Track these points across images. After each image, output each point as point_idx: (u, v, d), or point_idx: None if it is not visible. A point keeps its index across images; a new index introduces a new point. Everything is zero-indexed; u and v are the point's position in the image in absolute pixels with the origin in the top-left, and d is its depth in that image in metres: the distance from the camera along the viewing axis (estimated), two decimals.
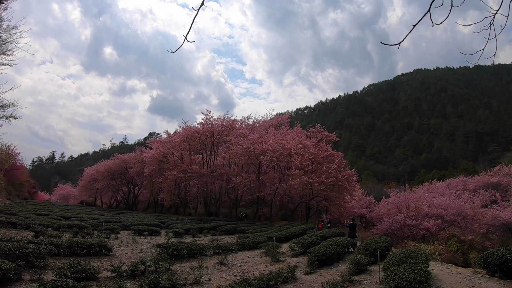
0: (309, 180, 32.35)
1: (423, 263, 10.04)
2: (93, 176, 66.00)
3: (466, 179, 41.60)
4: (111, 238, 20.14)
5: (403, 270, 9.10)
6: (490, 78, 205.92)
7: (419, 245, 18.21)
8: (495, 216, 27.65)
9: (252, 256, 16.16)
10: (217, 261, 14.12)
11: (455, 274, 11.38)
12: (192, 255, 15.20)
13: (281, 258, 15.40)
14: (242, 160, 42.08)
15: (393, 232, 30.30)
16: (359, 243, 17.86)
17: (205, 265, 13.27)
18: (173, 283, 9.70)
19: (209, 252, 16.01)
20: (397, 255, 11.41)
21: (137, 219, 32.61)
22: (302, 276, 11.95)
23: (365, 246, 14.24)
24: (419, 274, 8.74)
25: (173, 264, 12.39)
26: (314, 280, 11.18)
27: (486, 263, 10.38)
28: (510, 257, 9.65)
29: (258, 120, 51.15)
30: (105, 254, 14.40)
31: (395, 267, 9.76)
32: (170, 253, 14.18)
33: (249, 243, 18.46)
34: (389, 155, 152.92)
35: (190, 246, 15.52)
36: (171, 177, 45.02)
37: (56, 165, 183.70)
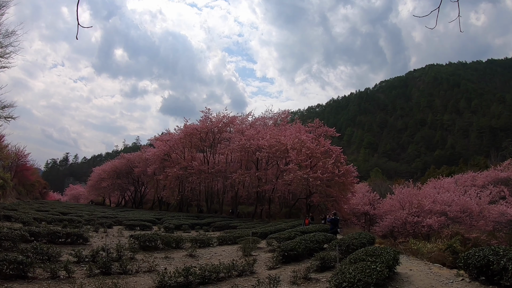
0: (303, 175, 31.30)
1: (383, 262, 8.80)
2: (100, 175, 66.18)
3: (474, 175, 39.96)
4: (100, 231, 20.58)
5: (353, 269, 7.94)
6: (504, 72, 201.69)
7: (418, 243, 17.00)
8: (503, 213, 26.46)
9: (229, 250, 15.87)
10: (187, 253, 13.97)
11: (433, 276, 10.15)
12: (167, 247, 15.15)
13: (254, 253, 14.90)
14: (239, 156, 41.68)
15: (395, 229, 29.33)
16: (340, 237, 17.00)
17: (173, 256, 13.39)
18: (125, 269, 10.04)
19: (186, 245, 15.70)
20: (361, 252, 10.24)
21: (135, 215, 32.81)
22: (263, 271, 11.36)
23: (340, 242, 13.15)
24: (369, 275, 7.57)
25: (140, 253, 12.57)
26: (269, 276, 10.30)
27: (467, 265, 9.04)
28: (493, 259, 8.23)
29: (258, 117, 50.21)
30: (81, 243, 14.66)
31: (350, 265, 8.59)
32: (142, 244, 14.49)
33: (229, 238, 18.21)
34: (402, 152, 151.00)
35: (165, 238, 15.56)
36: (172, 174, 44.92)
37: (70, 167, 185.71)
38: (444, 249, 13.40)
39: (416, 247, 16.04)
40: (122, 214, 34.47)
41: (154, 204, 59.73)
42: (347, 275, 7.64)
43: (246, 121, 49.12)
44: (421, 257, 13.91)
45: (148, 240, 14.69)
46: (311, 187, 32.72)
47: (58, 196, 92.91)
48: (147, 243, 14.63)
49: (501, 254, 8.29)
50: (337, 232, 18.38)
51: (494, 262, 8.15)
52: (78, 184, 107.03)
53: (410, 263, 12.62)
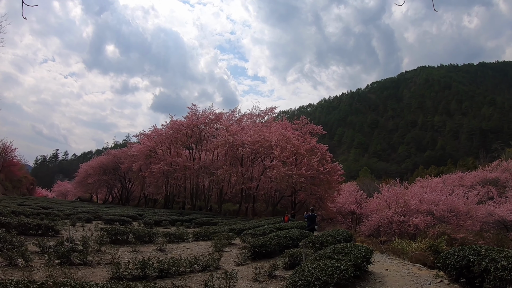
0: (287, 171, 30.52)
1: (350, 261, 8.05)
2: (87, 171, 65.18)
3: (463, 175, 39.52)
4: (77, 225, 20.30)
5: (313, 267, 7.12)
6: (495, 75, 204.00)
7: (403, 243, 16.27)
8: (490, 213, 25.92)
9: (202, 246, 15.37)
10: (156, 248, 13.73)
11: (410, 276, 9.37)
12: (139, 241, 14.79)
13: (227, 249, 14.48)
14: (224, 151, 41.05)
15: (380, 229, 28.63)
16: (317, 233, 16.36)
17: (142, 250, 13.07)
18: (85, 260, 9.80)
19: (159, 240, 15.25)
20: (329, 249, 9.45)
21: (117, 211, 32.38)
22: (230, 267, 10.72)
23: (313, 239, 12.38)
24: (330, 274, 6.77)
25: (109, 247, 11.99)
26: (236, 272, 9.61)
27: (445, 266, 8.20)
28: (474, 259, 7.42)
29: (245, 114, 49.30)
30: (52, 236, 14.51)
31: (313, 263, 7.74)
32: (113, 237, 14.22)
33: (205, 234, 17.84)
34: (392, 152, 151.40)
35: (136, 231, 15.24)
36: (157, 170, 44.06)
37: (59, 164, 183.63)
38: (426, 248, 12.60)
39: (401, 246, 15.36)
40: (104, 210, 34.04)
41: (141, 201, 59.10)
42: (305, 273, 6.84)
43: (233, 118, 48.23)
44: (404, 257, 13.17)
45: (118, 233, 14.43)
46: (296, 185, 32.05)
47: (46, 193, 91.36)
48: (118, 236, 14.36)
49: (482, 254, 7.45)
50: (314, 229, 17.49)
51: (474, 263, 7.32)
52: (66, 181, 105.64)
53: (389, 262, 11.89)
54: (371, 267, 10.34)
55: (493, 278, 6.69)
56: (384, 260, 12.42)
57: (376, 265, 10.93)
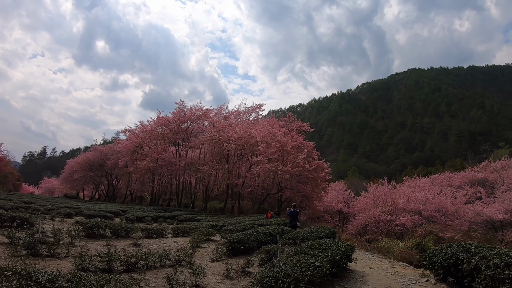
0: (271, 167, 29.87)
1: (327, 257, 7.45)
2: (73, 167, 64.19)
3: (451, 175, 39.27)
4: (56, 220, 19.92)
5: (284, 263, 6.48)
6: (485, 78, 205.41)
7: (390, 242, 15.68)
8: (478, 213, 25.61)
9: (180, 241, 14.91)
10: (131, 243, 13.36)
11: (394, 275, 8.77)
12: (116, 236, 14.64)
13: (204, 244, 14.09)
14: (210, 148, 40.59)
15: (368, 228, 28.22)
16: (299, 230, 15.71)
17: (116, 244, 12.58)
18: (52, 251, 9.65)
19: (137, 235, 14.70)
20: (306, 245, 8.84)
21: (100, 207, 31.90)
22: (205, 262, 10.27)
23: (294, 236, 11.74)
24: (302, 270, 6.14)
25: (83, 240, 11.95)
26: (209, 268, 9.47)
27: (432, 264, 7.62)
28: (463, 257, 6.84)
29: (232, 111, 48.57)
30: (26, 228, 14.26)
31: (287, 259, 7.07)
32: (89, 231, 14.02)
33: (184, 230, 17.44)
34: (382, 153, 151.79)
35: (113, 226, 14.97)
36: (142, 167, 43.27)
37: (47, 160, 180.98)
38: (412, 247, 12.02)
39: (387, 245, 14.78)
40: (87, 206, 33.55)
41: (127, 198, 58.06)
42: (275, 269, 6.17)
43: (220, 115, 47.47)
44: (389, 255, 12.58)
45: (93, 227, 14.14)
46: (281, 182, 31.46)
47: (33, 189, 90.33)
48: (94, 230, 14.11)
49: (472, 251, 6.85)
50: (296, 225, 16.77)
51: (464, 260, 6.71)
52: (53, 178, 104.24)
53: (373, 261, 11.31)
54: (353, 265, 9.77)
55: (484, 277, 6.08)
56: (369, 258, 11.85)
57: (359, 263, 10.34)
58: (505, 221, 25.02)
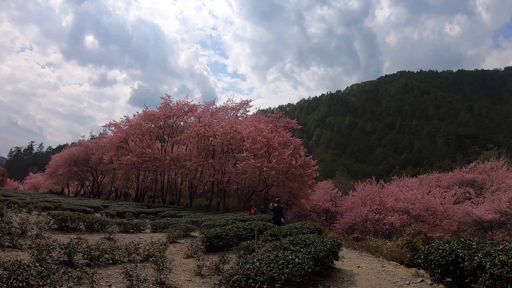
0: (257, 163, 29.07)
1: (309, 253, 6.64)
2: (57, 163, 62.38)
3: (439, 176, 38.90)
4: (33, 214, 19.13)
5: (259, 259, 5.63)
6: (473, 82, 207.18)
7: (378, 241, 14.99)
8: (467, 212, 25.22)
9: (158, 237, 14.11)
10: (105, 237, 12.60)
11: (385, 275, 7.99)
12: (90, 229, 13.99)
13: (182, 240, 13.27)
14: (195, 143, 39.40)
15: (355, 227, 27.71)
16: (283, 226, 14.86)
17: (89, 238, 11.95)
18: (15, 242, 9.31)
19: (113, 229, 14.00)
20: (286, 240, 8.01)
21: (82, 202, 30.73)
22: (179, 259, 9.74)
23: (276, 231, 10.94)
24: (279, 268, 5.30)
25: (54, 233, 11.67)
26: (181, 264, 8.94)
27: (428, 262, 6.85)
28: (464, 254, 6.07)
29: (220, 107, 47.58)
30: None
31: (263, 254, 6.20)
32: (62, 224, 13.32)
33: (163, 225, 16.78)
34: (370, 154, 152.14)
35: (87, 219, 14.22)
36: (126, 162, 41.91)
37: (34, 156, 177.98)
38: (402, 245, 11.28)
39: (376, 244, 14.08)
40: (68, 201, 32.14)
41: (111, 195, 56.63)
42: (247, 265, 5.31)
43: (208, 111, 46.44)
44: (378, 254, 11.83)
45: (66, 219, 13.37)
46: (267, 178, 30.68)
47: (18, 185, 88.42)
48: (67, 223, 13.41)
49: (474, 247, 6.08)
50: (280, 221, 15.86)
51: (465, 258, 5.91)
52: (38, 173, 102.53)
53: (361, 259, 10.57)
54: (340, 264, 8.99)
55: (490, 276, 5.30)
56: (356, 257, 11.10)
57: (346, 262, 9.55)
58: (494, 221, 24.76)
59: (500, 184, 29.43)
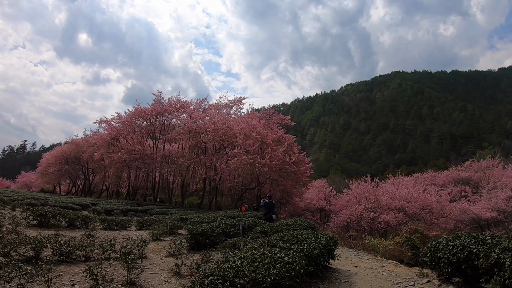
0: (249, 160, 28.32)
1: (302, 251, 5.86)
2: (49, 161, 61.40)
3: (435, 174, 38.61)
4: (17, 210, 18.78)
5: (239, 257, 4.79)
6: (467, 83, 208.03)
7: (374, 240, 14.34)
8: (465, 210, 24.82)
9: (142, 234, 13.02)
10: (85, 233, 11.81)
11: (386, 275, 7.26)
12: (72, 226, 13.65)
13: (166, 237, 12.55)
14: (186, 139, 38.66)
15: (350, 225, 27.13)
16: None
17: (69, 234, 11.02)
18: None
19: (96, 226, 13.88)
20: (276, 236, 7.21)
21: (69, 200, 30.25)
22: (160, 257, 9.13)
23: (266, 228, 10.21)
24: (265, 268, 4.46)
25: (32, 229, 11.31)
26: (158, 263, 8.24)
27: (435, 261, 6.10)
28: (479, 250, 5.34)
29: (212, 104, 46.66)
30: None
31: (247, 252, 5.40)
32: (42, 219, 12.97)
33: (149, 222, 16.24)
34: (364, 154, 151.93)
35: (69, 215, 13.88)
36: (116, 159, 41.07)
37: (27, 155, 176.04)
38: (402, 243, 10.61)
39: (371, 243, 13.41)
40: (56, 198, 31.44)
41: (103, 193, 55.76)
42: (226, 264, 4.48)
43: (200, 108, 45.53)
44: (375, 253, 11.14)
45: (46, 215, 13.02)
46: (260, 176, 29.98)
47: (9, 183, 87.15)
48: (47, 219, 13.08)
49: (489, 242, 5.36)
50: (271, 218, 15.08)
51: (480, 254, 5.17)
52: (30, 172, 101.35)
53: (359, 258, 9.84)
54: (336, 263, 8.25)
55: (510, 274, 4.57)
56: (353, 255, 10.38)
57: (343, 261, 8.86)
58: (492, 219, 24.39)
59: (496, 182, 29.26)
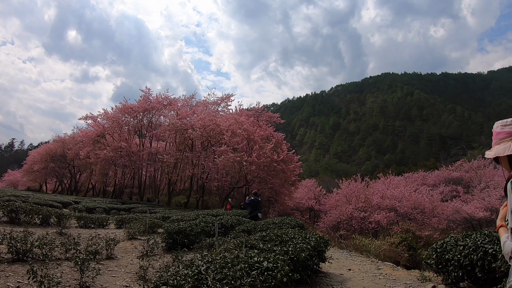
0: (236, 157, 27.53)
1: (286, 254, 4.96)
2: (34, 158, 60.23)
3: (425, 174, 38.56)
4: None
5: (205, 261, 3.71)
6: (457, 85, 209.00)
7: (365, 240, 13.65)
8: (457, 210, 24.45)
9: (120, 233, 12.73)
10: (56, 231, 11.46)
11: (384, 280, 6.47)
12: (46, 224, 13.00)
13: (144, 237, 11.53)
14: (172, 136, 37.72)
15: (340, 225, 26.50)
16: None
17: (39, 231, 10.30)
18: None
19: (71, 223, 13.67)
20: (257, 236, 6.17)
21: (52, 198, 29.38)
22: (131, 257, 8.32)
23: (250, 227, 9.37)
24: (235, 277, 3.33)
25: (3, 226, 10.82)
26: (126, 264, 7.42)
27: (442, 263, 5.38)
28: (495, 249, 4.59)
29: (200, 101, 45.67)
30: None
31: (218, 254, 4.41)
32: (10, 215, 12.38)
33: (128, 220, 15.56)
34: (353, 154, 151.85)
35: (41, 211, 13.03)
36: (102, 156, 40.04)
37: (15, 153, 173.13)
38: (398, 243, 9.86)
39: (363, 243, 12.72)
40: (39, 196, 30.77)
41: (89, 192, 54.56)
42: (185, 271, 3.47)
43: (188, 105, 44.57)
44: (367, 254, 10.38)
45: (17, 211, 12.36)
46: (247, 174, 29.18)
47: None
48: (19, 216, 12.46)
49: None
50: (257, 216, 14.21)
51: (498, 256, 4.39)
52: (17, 170, 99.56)
53: (351, 260, 9.03)
54: (327, 266, 7.31)
55: None
56: (345, 257, 9.56)
57: (334, 263, 7.92)
58: (484, 219, 24.04)
59: (488, 181, 29.22)
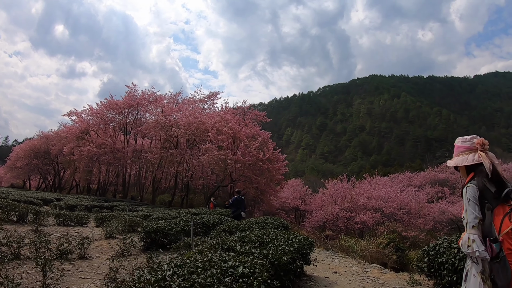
0: (220, 155, 27.09)
1: (266, 257, 4.44)
2: (18, 154, 58.57)
3: (411, 175, 38.57)
4: None
5: (175, 265, 3.25)
6: (443, 88, 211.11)
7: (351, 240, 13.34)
8: (443, 211, 24.35)
9: (99, 231, 12.15)
10: (31, 229, 10.85)
11: (372, 283, 6.09)
12: (22, 220, 12.62)
13: (120, 235, 10.92)
14: (157, 133, 37.17)
15: (325, 225, 26.33)
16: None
17: (12, 229, 9.22)
18: None
19: (49, 221, 13.20)
20: (235, 237, 5.62)
21: (33, 195, 28.49)
22: (103, 257, 7.93)
23: (232, 226, 8.94)
24: (203, 285, 2.89)
25: None
26: (98, 265, 7.06)
27: (435, 267, 4.96)
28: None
29: (186, 99, 44.93)
30: None
31: (190, 257, 3.92)
32: None
33: (108, 218, 14.94)
34: (339, 155, 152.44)
35: (19, 209, 12.71)
36: (86, 152, 38.92)
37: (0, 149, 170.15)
38: (385, 244, 9.56)
39: (348, 244, 12.39)
40: (20, 193, 29.72)
41: (73, 189, 53.40)
42: (147, 276, 2.99)
43: (174, 103, 43.87)
44: (354, 255, 10.04)
45: None
46: (233, 172, 28.77)
47: None
48: None
49: None
50: (240, 216, 13.76)
51: None
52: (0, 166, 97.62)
53: (337, 262, 8.64)
54: (311, 268, 6.90)
55: None
56: (331, 258, 9.17)
57: (320, 266, 7.38)
58: None
59: None
